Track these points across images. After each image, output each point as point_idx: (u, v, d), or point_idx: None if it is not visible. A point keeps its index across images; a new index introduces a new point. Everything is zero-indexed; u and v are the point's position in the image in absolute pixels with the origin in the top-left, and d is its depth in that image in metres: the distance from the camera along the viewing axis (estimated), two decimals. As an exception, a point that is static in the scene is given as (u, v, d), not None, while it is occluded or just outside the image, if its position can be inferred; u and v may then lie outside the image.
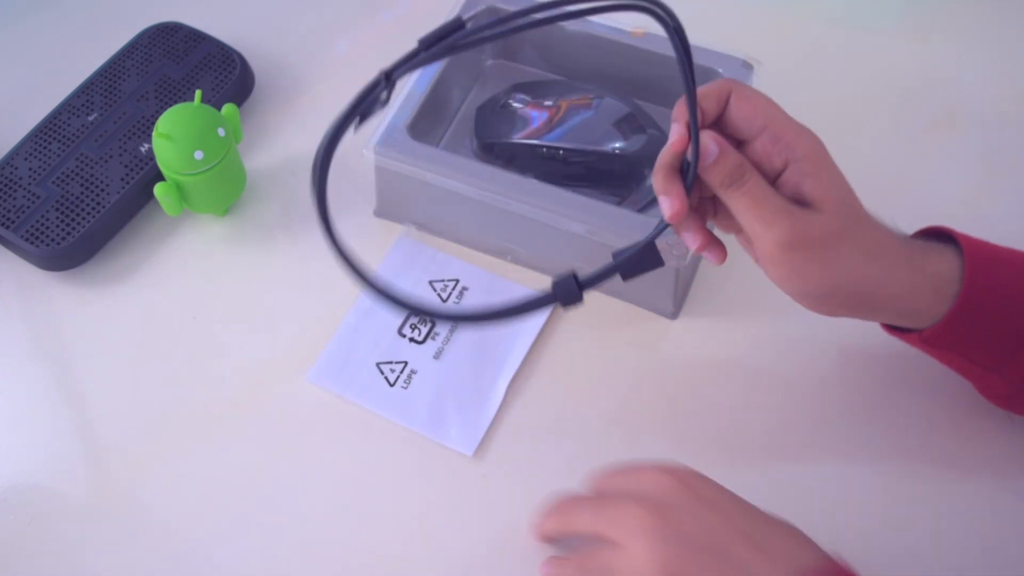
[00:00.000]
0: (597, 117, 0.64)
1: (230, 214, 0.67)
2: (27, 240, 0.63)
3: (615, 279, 0.50)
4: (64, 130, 0.67)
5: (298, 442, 0.58)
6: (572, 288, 0.49)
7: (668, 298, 0.61)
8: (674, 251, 0.49)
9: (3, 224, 0.63)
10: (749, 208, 0.47)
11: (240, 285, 0.64)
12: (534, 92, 0.66)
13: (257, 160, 0.70)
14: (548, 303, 0.49)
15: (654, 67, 0.65)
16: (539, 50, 0.70)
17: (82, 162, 0.66)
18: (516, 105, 0.65)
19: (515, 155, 0.64)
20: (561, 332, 0.62)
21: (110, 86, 0.70)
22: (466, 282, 0.64)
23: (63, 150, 0.66)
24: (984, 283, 0.48)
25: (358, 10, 0.79)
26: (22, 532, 0.55)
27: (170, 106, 0.63)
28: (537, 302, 0.49)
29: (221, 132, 0.62)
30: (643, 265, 0.50)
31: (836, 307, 0.49)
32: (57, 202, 0.64)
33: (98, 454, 0.58)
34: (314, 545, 0.54)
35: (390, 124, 0.61)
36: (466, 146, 0.67)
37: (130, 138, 0.67)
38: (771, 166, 0.48)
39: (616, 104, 0.64)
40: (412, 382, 0.60)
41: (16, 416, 0.59)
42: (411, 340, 0.61)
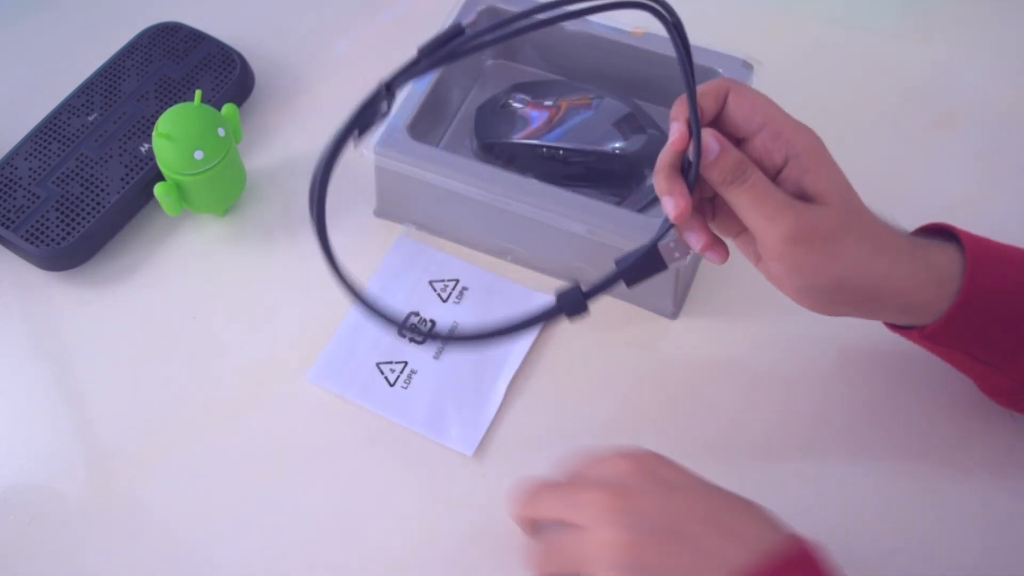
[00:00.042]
0: (597, 117, 0.64)
1: (230, 214, 0.67)
2: (27, 240, 0.63)
3: (618, 284, 0.50)
4: (64, 130, 0.67)
5: (298, 442, 0.58)
6: (577, 299, 0.48)
7: (668, 298, 0.61)
8: (676, 253, 0.49)
9: (3, 224, 0.63)
10: (752, 204, 0.47)
11: (240, 285, 0.64)
12: (534, 92, 0.66)
13: (257, 160, 0.70)
14: (553, 316, 0.48)
15: (654, 67, 0.65)
16: (539, 50, 0.70)
17: (82, 162, 0.66)
18: (516, 105, 0.65)
19: (515, 155, 0.64)
20: (561, 332, 0.62)
21: (110, 86, 0.70)
22: (466, 282, 0.64)
23: (63, 150, 0.66)
24: (985, 278, 0.48)
25: (358, 10, 0.79)
26: (22, 532, 0.55)
27: (170, 106, 0.63)
28: (541, 316, 0.48)
29: (221, 132, 0.62)
30: (646, 270, 0.49)
31: (840, 303, 0.49)
32: (57, 202, 0.64)
33: (98, 454, 0.58)
34: (314, 545, 0.54)
35: (390, 124, 0.61)
36: (466, 146, 0.67)
37: (130, 138, 0.67)
38: (771, 162, 0.48)
39: (616, 104, 0.64)
40: (412, 382, 0.60)
41: (16, 416, 0.59)
42: (411, 340, 0.61)
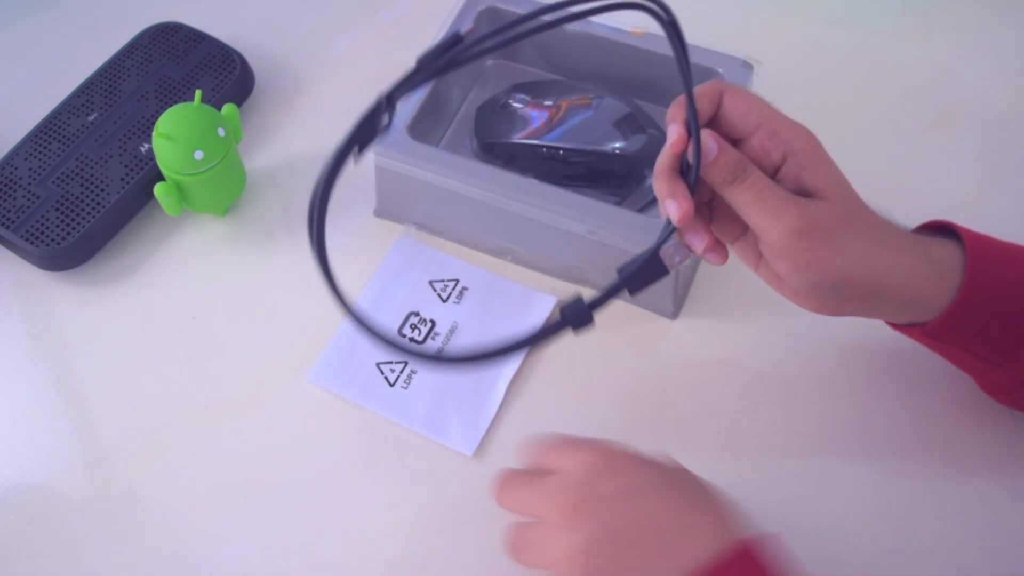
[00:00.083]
0: (597, 117, 0.64)
1: (230, 214, 0.67)
2: (27, 240, 0.63)
3: (622, 293, 0.49)
4: (64, 130, 0.67)
5: (298, 442, 0.58)
6: (582, 311, 0.47)
7: (668, 298, 0.61)
8: (676, 257, 0.49)
9: (3, 224, 0.63)
10: (755, 201, 0.47)
11: (240, 285, 0.64)
12: (534, 92, 0.66)
13: (257, 160, 0.70)
14: (558, 331, 0.48)
15: (654, 67, 0.65)
16: (539, 50, 0.70)
17: (82, 162, 0.66)
18: (516, 105, 0.65)
19: (515, 155, 0.64)
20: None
21: (110, 86, 0.70)
22: (466, 282, 0.64)
23: (63, 150, 0.66)
24: (986, 275, 0.48)
25: (358, 10, 0.79)
26: (22, 532, 0.55)
27: (170, 106, 0.63)
28: (547, 331, 0.48)
29: (221, 132, 0.62)
30: (649, 277, 0.49)
31: (844, 299, 0.49)
32: (57, 202, 0.64)
33: (98, 454, 0.58)
34: (313, 544, 0.54)
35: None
36: (466, 146, 0.67)
37: (130, 138, 0.67)
38: (769, 161, 0.48)
39: (616, 104, 0.64)
40: (412, 382, 0.60)
41: (16, 416, 0.59)
42: (411, 340, 0.61)
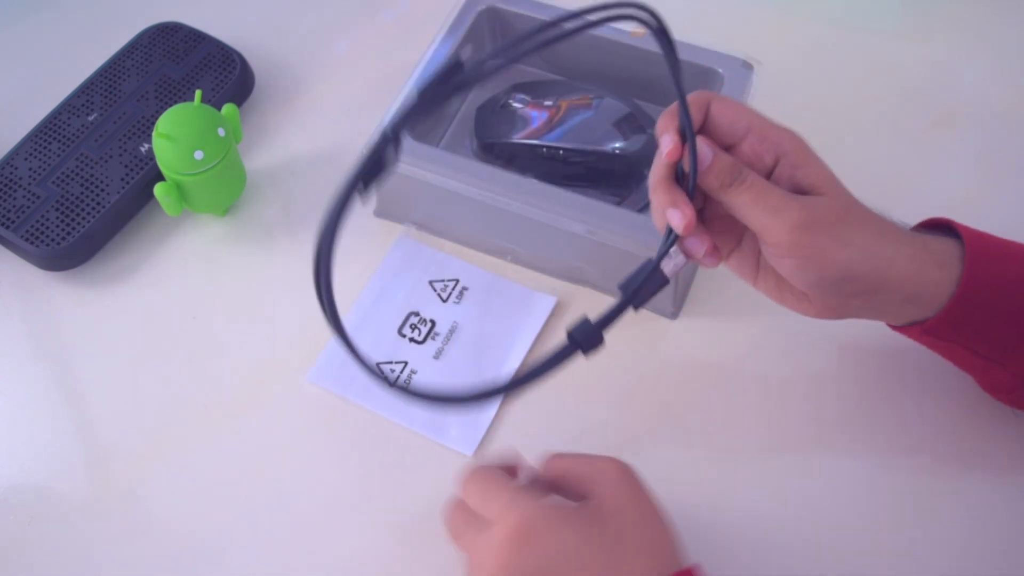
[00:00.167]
0: (597, 117, 0.64)
1: (230, 214, 0.67)
2: (27, 240, 0.63)
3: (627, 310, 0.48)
4: (64, 130, 0.67)
5: (298, 442, 0.58)
6: (591, 333, 0.47)
7: (668, 298, 0.61)
8: (675, 265, 0.49)
9: (3, 224, 0.63)
10: (755, 201, 0.47)
11: (240, 285, 0.64)
12: (534, 92, 0.66)
13: (257, 160, 0.70)
14: (568, 356, 0.47)
15: (654, 67, 0.65)
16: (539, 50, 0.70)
17: (82, 162, 0.66)
18: (516, 105, 0.65)
19: (515, 155, 0.64)
20: (561, 332, 0.61)
21: (110, 86, 0.70)
22: (466, 282, 0.64)
23: (63, 150, 0.66)
24: (985, 270, 0.48)
25: (358, 10, 0.79)
26: (22, 532, 0.55)
27: (170, 106, 0.63)
28: (557, 358, 0.47)
29: (221, 132, 0.62)
30: (651, 289, 0.49)
31: (849, 296, 0.48)
32: (57, 202, 0.64)
33: (98, 454, 0.58)
34: (314, 544, 0.54)
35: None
36: (466, 146, 0.67)
37: (130, 138, 0.67)
38: (762, 164, 0.48)
39: (616, 104, 0.64)
40: (412, 382, 0.60)
41: (16, 416, 0.59)
42: (411, 340, 0.61)
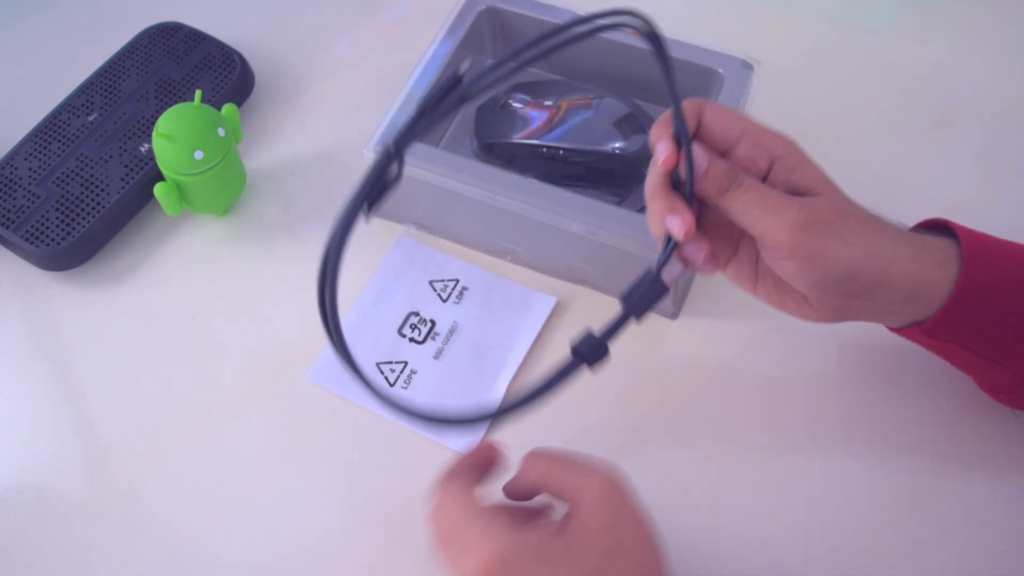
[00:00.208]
0: (597, 117, 0.64)
1: (230, 214, 0.67)
2: (27, 240, 0.63)
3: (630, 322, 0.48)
4: (64, 130, 0.67)
5: (298, 442, 0.58)
6: (595, 346, 0.47)
7: (668, 298, 0.61)
8: (674, 273, 0.49)
9: (3, 224, 0.63)
10: (754, 203, 0.47)
11: (240, 285, 0.64)
12: (534, 92, 0.66)
13: (257, 160, 0.70)
14: (574, 370, 0.47)
15: (654, 67, 0.64)
16: (539, 50, 0.70)
17: (82, 162, 0.66)
18: (516, 105, 0.65)
19: (515, 155, 0.64)
20: (561, 332, 0.62)
21: (110, 86, 0.70)
22: (466, 282, 0.64)
23: (63, 150, 0.66)
24: (982, 270, 0.48)
25: (358, 10, 0.79)
26: (22, 532, 0.55)
27: (170, 106, 0.63)
28: (563, 373, 0.47)
29: (221, 132, 0.62)
30: (652, 299, 0.48)
31: (851, 295, 0.48)
32: (57, 202, 0.64)
33: (98, 454, 0.58)
34: (314, 545, 0.54)
35: (390, 124, 0.61)
36: (466, 146, 0.67)
37: (130, 138, 0.67)
38: (757, 169, 0.49)
39: (616, 104, 0.64)
40: (412, 382, 0.60)
41: (16, 416, 0.59)
42: (411, 340, 0.61)
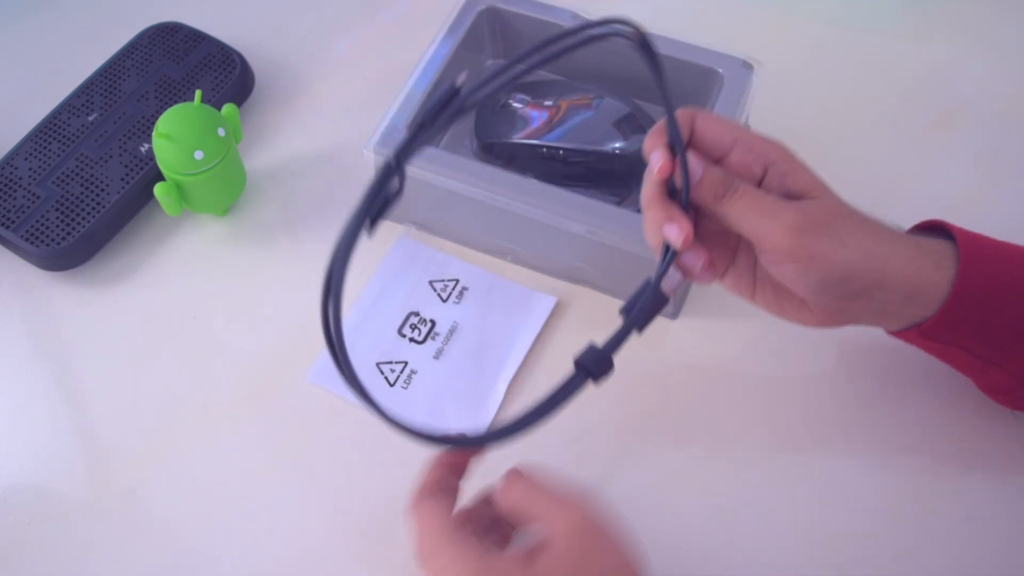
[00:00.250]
0: (597, 117, 0.64)
1: (230, 214, 0.67)
2: (27, 240, 0.63)
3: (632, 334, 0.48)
4: (64, 130, 0.67)
5: (298, 442, 0.58)
6: (599, 359, 0.47)
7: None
8: (673, 283, 0.49)
9: (3, 224, 0.63)
10: (751, 208, 0.47)
11: (240, 285, 0.64)
12: (534, 92, 0.66)
13: (257, 160, 0.70)
14: (580, 386, 0.47)
15: (654, 67, 0.65)
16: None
17: (82, 162, 0.66)
18: (516, 105, 0.65)
19: (515, 155, 0.64)
20: (561, 332, 0.62)
21: (110, 86, 0.70)
22: (466, 282, 0.64)
23: (63, 150, 0.66)
24: (980, 272, 0.48)
25: (358, 10, 0.79)
26: (22, 532, 0.55)
27: (170, 106, 0.63)
28: (568, 388, 0.47)
29: (221, 132, 0.62)
30: (652, 311, 0.48)
31: (851, 297, 0.48)
32: (57, 202, 0.64)
33: (98, 454, 0.58)
34: (314, 544, 0.54)
35: (390, 124, 0.61)
36: (466, 146, 0.67)
37: (130, 138, 0.67)
38: (751, 175, 0.49)
39: (616, 104, 0.64)
40: (412, 382, 0.60)
41: (16, 416, 0.59)
42: (411, 340, 0.61)
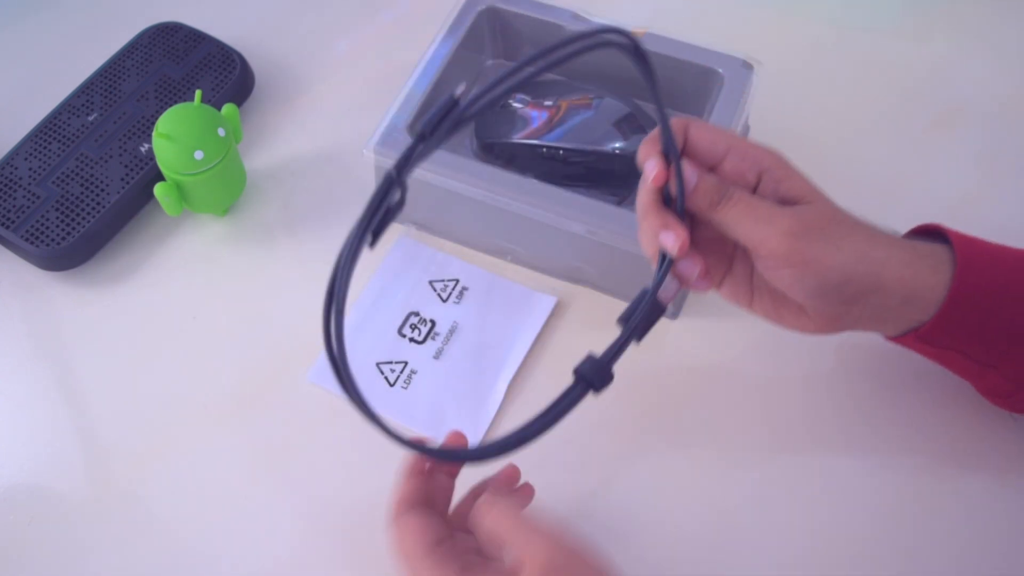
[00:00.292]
0: (597, 117, 0.64)
1: (230, 214, 0.67)
2: (27, 240, 0.63)
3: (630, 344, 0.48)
4: (64, 130, 0.67)
5: (298, 442, 0.58)
6: (598, 369, 0.47)
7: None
8: (670, 292, 0.49)
9: (3, 224, 0.63)
10: (746, 214, 0.47)
11: (240, 285, 0.64)
12: (534, 92, 0.66)
13: (257, 160, 0.70)
14: (580, 397, 0.46)
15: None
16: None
17: (82, 162, 0.66)
18: (516, 105, 0.65)
19: (515, 155, 0.64)
20: (561, 332, 0.62)
21: (110, 86, 0.70)
22: (466, 282, 0.64)
23: (63, 150, 0.66)
24: (976, 276, 0.48)
25: (358, 10, 0.79)
26: (22, 532, 0.55)
27: (170, 106, 0.63)
28: (569, 399, 0.46)
29: (221, 132, 0.62)
30: (650, 320, 0.49)
31: (849, 301, 0.48)
32: (57, 202, 0.64)
33: (98, 454, 0.58)
34: (314, 544, 0.54)
35: (390, 124, 0.61)
36: (466, 146, 0.67)
37: (130, 138, 0.67)
38: (745, 182, 0.49)
39: (616, 104, 0.64)
40: (412, 382, 0.60)
41: (16, 416, 0.59)
42: (411, 340, 0.61)
